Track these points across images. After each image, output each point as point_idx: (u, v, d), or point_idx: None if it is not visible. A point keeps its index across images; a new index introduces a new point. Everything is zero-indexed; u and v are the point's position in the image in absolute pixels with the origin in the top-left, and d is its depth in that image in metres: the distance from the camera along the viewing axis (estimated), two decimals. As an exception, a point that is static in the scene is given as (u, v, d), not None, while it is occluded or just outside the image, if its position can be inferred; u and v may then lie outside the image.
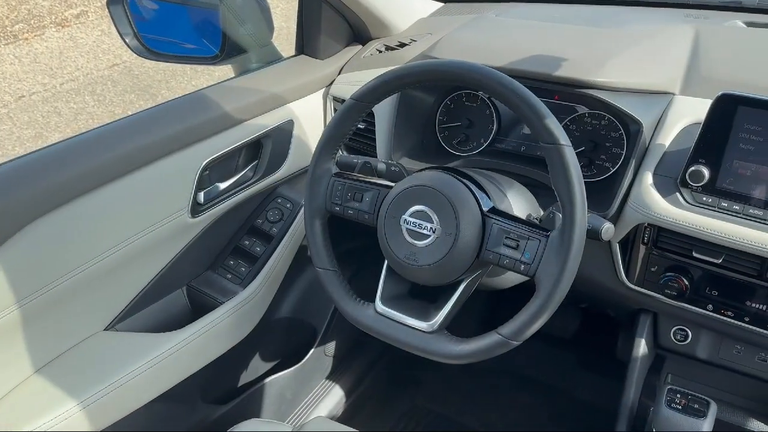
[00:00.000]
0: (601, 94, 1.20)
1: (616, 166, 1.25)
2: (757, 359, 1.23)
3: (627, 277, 1.23)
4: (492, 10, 1.60)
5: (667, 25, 1.38)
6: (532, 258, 0.96)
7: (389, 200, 1.07)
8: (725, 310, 1.14)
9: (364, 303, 1.12)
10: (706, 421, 1.04)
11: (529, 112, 0.96)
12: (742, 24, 1.45)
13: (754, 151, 1.04)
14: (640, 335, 1.31)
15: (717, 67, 1.23)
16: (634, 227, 1.17)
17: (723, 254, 1.11)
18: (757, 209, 1.05)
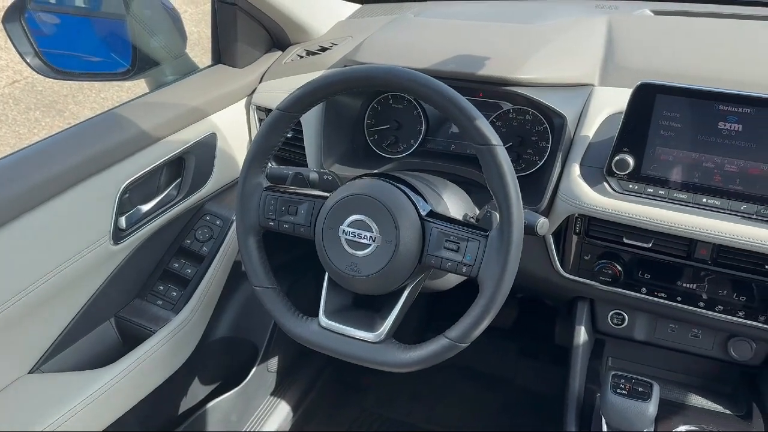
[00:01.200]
0: (524, 91, 1.21)
1: (544, 159, 1.28)
2: (691, 336, 1.29)
3: (562, 267, 1.26)
4: (410, 10, 1.60)
5: (580, 18, 1.42)
6: (473, 259, 0.96)
7: (325, 211, 1.04)
8: (658, 292, 1.19)
9: (307, 318, 1.09)
10: (651, 402, 1.08)
11: (458, 115, 0.96)
12: (650, 12, 1.50)
13: (675, 137, 1.08)
14: (579, 322, 1.34)
15: (631, 56, 1.27)
16: (566, 218, 1.20)
17: (652, 238, 1.14)
18: (681, 193, 1.09)
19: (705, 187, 1.07)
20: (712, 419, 1.21)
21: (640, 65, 1.25)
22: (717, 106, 1.04)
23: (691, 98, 1.05)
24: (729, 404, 1.26)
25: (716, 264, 1.12)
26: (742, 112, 1.02)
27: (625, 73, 1.22)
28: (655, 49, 1.30)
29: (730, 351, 1.25)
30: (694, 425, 1.19)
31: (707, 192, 1.07)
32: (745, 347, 1.24)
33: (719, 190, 1.06)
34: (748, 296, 1.12)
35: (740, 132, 1.03)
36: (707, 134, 1.05)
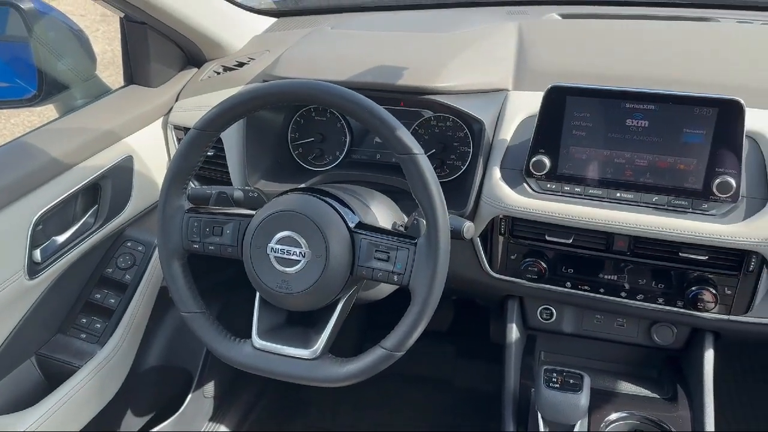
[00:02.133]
0: (443, 98, 1.24)
1: (467, 164, 1.31)
2: (616, 325, 1.34)
3: (491, 268, 1.29)
4: (326, 23, 1.60)
5: (492, 24, 1.46)
6: (403, 268, 0.97)
7: (252, 230, 1.02)
8: (582, 285, 1.23)
9: (239, 340, 1.06)
10: (583, 394, 1.12)
11: (379, 126, 0.97)
12: (558, 16, 1.56)
13: (586, 136, 1.12)
14: (510, 320, 1.37)
15: (542, 60, 1.32)
16: (491, 220, 1.23)
17: (572, 234, 1.19)
18: (596, 189, 1.14)
19: (618, 182, 1.12)
20: (641, 404, 1.27)
21: (551, 68, 1.30)
22: (624, 105, 1.09)
23: (600, 98, 1.10)
24: (656, 388, 1.32)
25: (634, 255, 1.17)
26: (647, 108, 1.08)
27: (537, 77, 1.27)
28: (564, 52, 1.36)
29: (654, 337, 1.32)
30: (624, 412, 1.24)
31: (621, 187, 1.12)
32: (667, 332, 1.30)
33: (631, 184, 1.11)
34: (665, 283, 1.17)
35: (647, 128, 1.09)
36: (617, 132, 1.10)
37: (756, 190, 1.07)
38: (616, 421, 1.23)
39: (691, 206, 1.09)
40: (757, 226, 1.05)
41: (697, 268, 1.14)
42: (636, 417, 1.23)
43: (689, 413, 1.23)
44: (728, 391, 1.82)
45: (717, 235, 1.07)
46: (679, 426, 1.21)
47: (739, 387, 1.84)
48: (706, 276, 1.14)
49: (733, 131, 1.03)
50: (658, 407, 1.26)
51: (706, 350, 1.25)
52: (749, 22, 1.47)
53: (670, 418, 1.22)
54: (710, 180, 1.06)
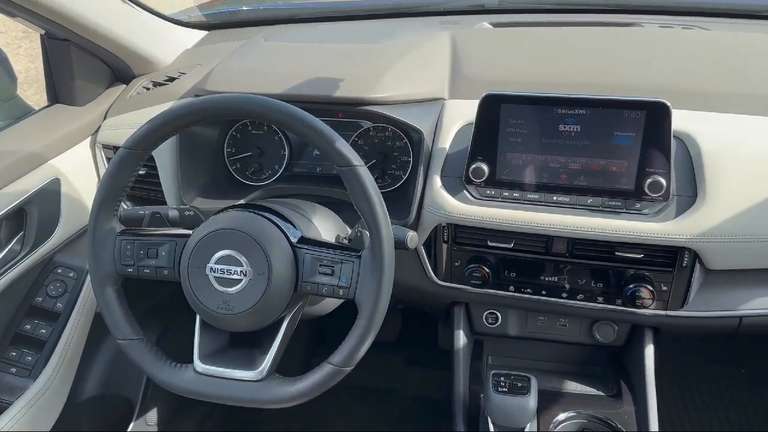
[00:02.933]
0: (381, 109, 1.23)
1: (407, 173, 1.31)
2: (559, 325, 1.37)
3: (436, 275, 1.29)
4: (259, 35, 1.57)
5: (426, 35, 1.47)
6: (349, 281, 0.96)
7: (189, 250, 0.99)
8: (524, 288, 1.25)
9: (180, 366, 1.03)
10: (531, 396, 1.13)
11: (317, 139, 0.95)
12: (489, 25, 1.59)
13: (522, 143, 1.14)
14: (457, 327, 1.38)
15: (476, 68, 1.34)
16: (434, 228, 1.23)
17: (513, 239, 1.20)
18: (534, 193, 1.15)
19: (554, 186, 1.14)
20: (587, 402, 1.29)
21: (485, 76, 1.31)
22: (556, 110, 1.11)
23: (533, 105, 1.12)
24: (600, 386, 1.35)
25: (573, 256, 1.19)
26: (579, 113, 1.11)
27: (472, 85, 1.28)
28: (497, 60, 1.38)
29: (596, 335, 1.35)
30: (571, 411, 1.26)
31: (557, 190, 1.14)
32: (608, 330, 1.33)
33: (567, 187, 1.14)
34: (604, 283, 1.20)
35: (579, 132, 1.11)
36: (550, 137, 1.13)
37: (685, 189, 1.11)
38: (564, 421, 1.25)
39: (624, 206, 1.12)
40: (687, 223, 1.09)
41: (633, 267, 1.17)
42: (583, 416, 1.26)
43: (633, 408, 1.26)
44: (670, 383, 1.89)
45: (650, 233, 1.10)
46: (624, 422, 1.24)
47: (681, 379, 1.91)
48: (643, 273, 1.17)
49: (661, 132, 1.07)
50: (604, 404, 1.28)
51: (647, 346, 1.28)
52: (671, 26, 1.53)
53: (615, 414, 1.25)
54: (641, 180, 1.09)
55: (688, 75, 1.26)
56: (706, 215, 1.08)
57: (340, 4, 1.87)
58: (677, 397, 1.89)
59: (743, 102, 1.18)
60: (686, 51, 1.35)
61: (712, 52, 1.34)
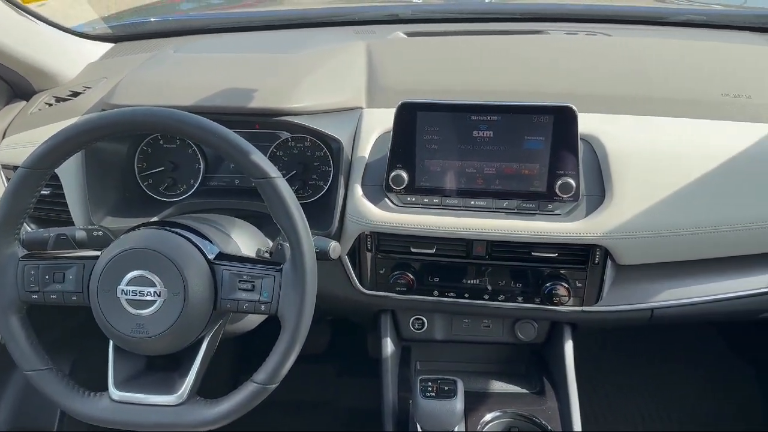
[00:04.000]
0: (299, 119, 1.22)
1: (329, 183, 1.30)
2: (483, 326, 1.39)
3: (361, 284, 1.29)
4: (168, 46, 1.52)
5: (341, 44, 1.47)
6: (270, 296, 0.95)
7: (98, 272, 0.95)
8: (448, 293, 1.26)
9: (95, 394, 0.98)
10: (458, 399, 1.14)
11: (232, 151, 0.93)
12: (404, 35, 1.61)
13: (439, 149, 1.16)
14: (384, 335, 1.38)
15: (392, 77, 1.35)
16: (357, 237, 1.23)
17: (435, 244, 1.22)
18: (453, 199, 1.17)
19: (472, 190, 1.17)
20: (512, 401, 1.32)
21: (401, 85, 1.33)
22: (470, 117, 1.14)
23: (447, 112, 1.14)
24: (524, 383, 1.38)
25: (492, 258, 1.22)
26: (491, 120, 1.13)
27: (389, 94, 1.29)
28: (412, 69, 1.40)
29: (518, 334, 1.38)
30: (498, 411, 1.28)
31: (474, 195, 1.17)
32: (529, 328, 1.37)
33: (484, 191, 1.16)
34: (523, 282, 1.24)
35: (492, 137, 1.14)
36: (465, 143, 1.15)
37: (594, 188, 1.16)
38: (491, 421, 1.27)
39: (538, 208, 1.15)
40: (597, 221, 1.14)
41: (549, 266, 1.21)
42: (509, 414, 1.28)
43: (557, 404, 1.30)
44: (590, 376, 1.96)
45: (563, 233, 1.14)
46: (548, 417, 1.27)
47: (599, 371, 1.99)
48: (558, 272, 1.21)
49: (568, 136, 1.11)
50: (528, 402, 1.32)
51: (566, 342, 1.33)
52: (575, 33, 1.60)
53: (539, 411, 1.28)
54: (553, 182, 1.13)
55: (593, 79, 1.32)
56: (613, 213, 1.14)
57: (252, 14, 1.84)
58: (597, 388, 1.97)
59: (644, 104, 1.24)
60: (590, 57, 1.41)
61: (615, 57, 1.41)
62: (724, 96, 1.26)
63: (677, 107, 1.24)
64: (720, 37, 1.58)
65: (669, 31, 1.65)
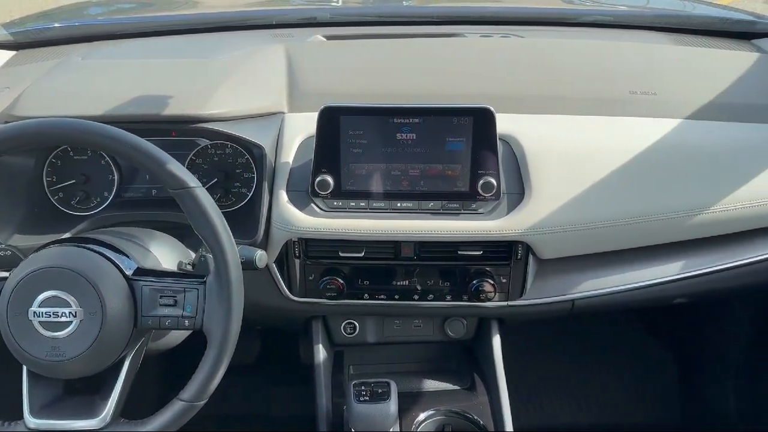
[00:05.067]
0: (217, 126, 1.20)
1: (252, 190, 1.27)
2: (414, 327, 1.41)
3: (290, 292, 1.27)
4: (76, 53, 1.45)
5: (259, 48, 1.45)
6: (194, 310, 0.92)
7: (7, 294, 0.89)
8: (378, 295, 1.27)
9: (9, 424, 0.93)
10: (392, 401, 1.15)
11: (146, 161, 0.90)
12: (323, 38, 1.60)
13: (363, 153, 1.16)
14: (316, 341, 1.37)
15: (313, 81, 1.34)
16: (284, 244, 1.21)
17: (363, 248, 1.22)
18: (379, 202, 1.18)
19: (398, 192, 1.17)
20: (445, 398, 1.34)
21: (323, 89, 1.32)
22: (393, 120, 1.15)
23: (370, 116, 1.15)
24: (456, 380, 1.41)
25: (420, 259, 1.23)
26: (413, 122, 1.15)
27: (311, 98, 1.28)
28: (334, 73, 1.39)
29: (448, 331, 1.40)
30: (431, 409, 1.30)
31: (401, 197, 1.18)
32: (458, 325, 1.40)
33: (409, 193, 1.17)
34: (451, 281, 1.26)
35: (415, 140, 1.15)
36: (389, 146, 1.16)
37: (514, 187, 1.20)
38: (425, 420, 1.29)
39: (462, 208, 1.18)
40: (517, 218, 1.17)
41: (475, 263, 1.24)
42: (442, 412, 1.30)
43: (487, 398, 1.33)
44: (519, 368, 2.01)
45: (486, 230, 1.17)
46: (480, 412, 1.30)
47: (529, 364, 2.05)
48: (484, 269, 1.24)
49: (488, 136, 1.14)
50: (460, 398, 1.34)
51: (494, 336, 1.36)
52: (490, 36, 1.64)
53: (471, 406, 1.31)
54: (475, 182, 1.15)
55: (509, 81, 1.36)
56: (533, 210, 1.17)
57: (165, 18, 1.78)
58: (525, 380, 2.03)
59: (558, 103, 1.29)
60: (506, 58, 1.45)
61: (529, 59, 1.45)
62: (632, 93, 1.32)
63: (589, 105, 1.29)
64: (627, 37, 1.66)
65: (579, 32, 1.72)
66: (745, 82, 1.40)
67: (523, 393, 2.01)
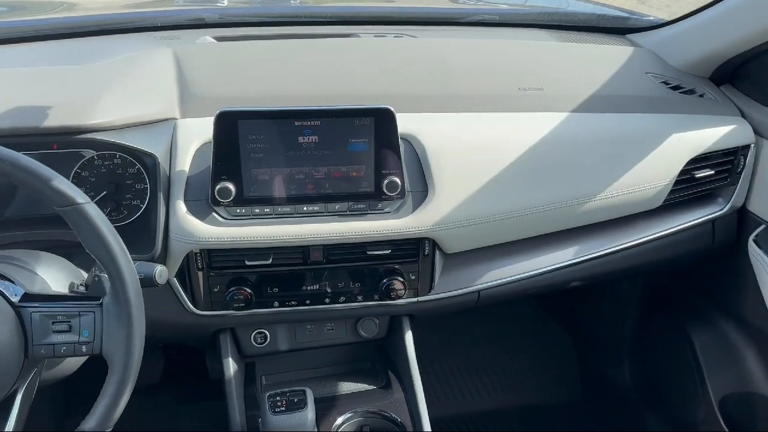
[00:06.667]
0: (104, 135, 1.13)
1: (146, 202, 1.21)
2: (326, 330, 1.39)
3: (195, 306, 1.22)
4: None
5: (145, 52, 1.37)
6: (92, 334, 0.87)
7: None
8: (288, 302, 1.25)
9: None
10: (308, 409, 1.13)
11: (26, 178, 0.83)
12: (213, 39, 1.54)
13: (265, 158, 1.13)
14: (225, 354, 1.32)
15: (206, 85, 1.29)
16: (185, 257, 1.16)
17: (270, 254, 1.19)
18: (285, 206, 1.16)
19: (303, 196, 1.16)
20: (362, 399, 1.33)
21: (217, 93, 1.27)
22: (293, 123, 1.13)
23: (269, 119, 1.12)
24: (371, 380, 1.41)
25: (330, 262, 1.22)
26: (315, 125, 1.13)
27: (205, 103, 1.23)
28: (227, 76, 1.35)
29: (360, 332, 1.40)
30: (349, 412, 1.29)
31: (306, 200, 1.16)
32: (370, 325, 1.39)
33: (315, 196, 1.16)
34: (361, 282, 1.26)
35: (318, 142, 1.14)
36: (291, 149, 1.14)
37: (417, 185, 1.21)
38: (343, 424, 1.28)
39: (368, 208, 1.18)
40: (422, 215, 1.19)
41: (384, 262, 1.24)
42: (359, 413, 1.30)
43: (403, 395, 1.34)
44: (431, 362, 2.06)
45: (393, 229, 1.18)
46: (397, 409, 1.31)
47: (441, 357, 2.10)
48: (393, 267, 1.25)
49: (389, 136, 1.15)
50: (377, 397, 1.34)
51: (406, 333, 1.37)
52: (384, 36, 1.65)
53: (388, 404, 1.31)
54: (379, 182, 1.16)
55: (407, 81, 1.38)
56: (436, 207, 1.20)
57: (39, 22, 1.64)
58: (438, 374, 2.08)
59: (454, 102, 1.32)
60: (402, 59, 1.47)
61: (423, 58, 1.48)
62: (521, 90, 1.38)
63: (483, 103, 1.34)
64: (512, 34, 1.73)
65: (467, 31, 1.77)
66: (621, 75, 1.51)
67: (437, 385, 2.06)
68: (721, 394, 1.64)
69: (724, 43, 1.44)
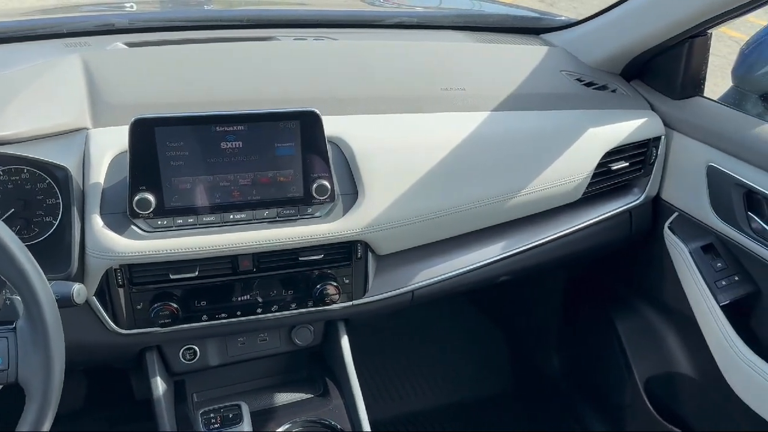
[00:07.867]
0: (8, 149, 1.05)
1: (59, 217, 1.13)
2: (260, 341, 1.35)
3: (117, 325, 1.16)
4: None
5: (50, 59, 1.29)
6: (6, 362, 0.81)
7: None
8: (218, 314, 1.20)
9: None
10: (244, 423, 1.09)
11: None
12: (123, 45, 1.48)
13: (185, 166, 1.09)
14: (152, 374, 1.26)
15: (119, 92, 1.23)
16: (104, 273, 1.10)
17: (197, 266, 1.14)
18: (209, 216, 1.11)
19: (229, 204, 1.12)
20: (300, 409, 1.31)
21: (131, 100, 1.22)
22: (214, 129, 1.09)
23: (189, 125, 1.08)
24: (309, 388, 1.38)
25: (260, 270, 1.19)
26: (237, 130, 1.10)
27: (119, 111, 1.18)
28: (141, 82, 1.29)
29: (295, 340, 1.37)
30: (287, 423, 1.26)
31: (232, 208, 1.12)
32: (305, 333, 1.37)
33: (241, 204, 1.12)
34: (294, 289, 1.23)
35: (242, 148, 1.11)
36: (214, 156, 1.10)
37: (347, 187, 1.20)
38: None
39: (298, 213, 1.15)
40: (353, 218, 1.18)
41: (317, 268, 1.22)
42: (299, 423, 1.27)
43: (342, 401, 1.32)
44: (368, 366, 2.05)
45: (325, 233, 1.16)
46: (336, 416, 1.29)
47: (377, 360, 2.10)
48: (326, 272, 1.23)
49: (316, 139, 1.13)
50: (315, 405, 1.32)
51: (342, 338, 1.36)
52: (304, 39, 1.63)
53: (327, 412, 1.30)
54: (308, 186, 1.14)
55: (330, 83, 1.37)
56: (366, 209, 1.19)
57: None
58: (375, 377, 2.07)
59: (379, 103, 1.32)
60: (323, 61, 1.46)
61: (345, 61, 1.47)
62: (443, 90, 1.40)
63: (407, 104, 1.34)
64: (430, 36, 1.75)
65: (387, 34, 1.78)
66: (537, 74, 1.55)
67: (374, 388, 2.05)
68: (645, 377, 1.72)
69: (632, 40, 1.52)
